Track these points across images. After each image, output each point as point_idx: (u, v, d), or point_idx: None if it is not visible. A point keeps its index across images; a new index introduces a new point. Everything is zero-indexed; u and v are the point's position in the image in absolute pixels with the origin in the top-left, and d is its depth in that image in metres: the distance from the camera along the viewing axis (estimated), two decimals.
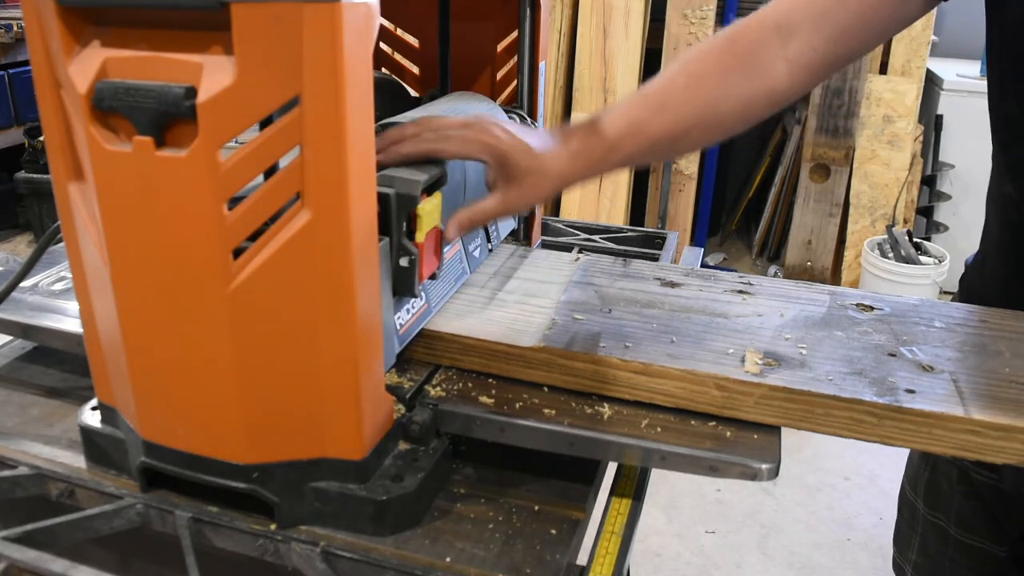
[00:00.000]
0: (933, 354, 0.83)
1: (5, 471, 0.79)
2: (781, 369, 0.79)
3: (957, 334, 0.88)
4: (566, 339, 0.83)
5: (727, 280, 1.00)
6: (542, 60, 1.09)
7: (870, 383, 0.77)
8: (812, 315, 0.91)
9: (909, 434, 0.73)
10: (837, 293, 0.98)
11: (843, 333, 0.87)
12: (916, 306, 0.95)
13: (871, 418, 0.74)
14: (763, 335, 0.86)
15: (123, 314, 0.67)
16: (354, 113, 0.60)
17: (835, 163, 3.38)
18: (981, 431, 0.71)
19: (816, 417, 0.75)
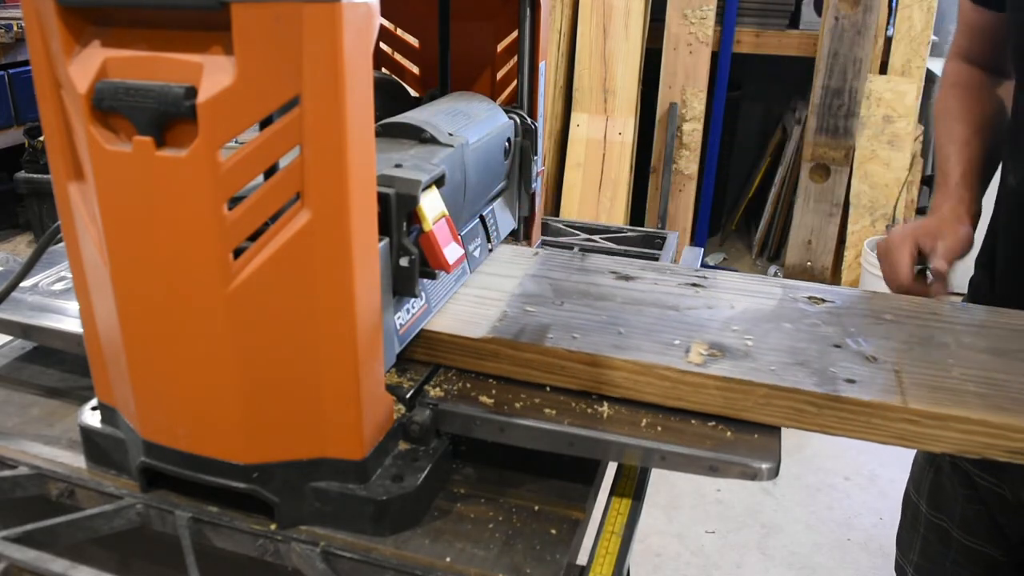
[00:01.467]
0: (878, 346, 0.84)
1: (5, 471, 0.79)
2: (725, 360, 0.80)
3: (905, 326, 0.89)
4: (515, 330, 0.84)
5: (682, 274, 1.02)
6: (542, 60, 1.09)
7: (811, 373, 0.78)
8: (762, 308, 0.92)
9: (848, 423, 0.74)
10: (790, 286, 0.99)
11: (791, 325, 0.88)
12: (867, 299, 0.96)
13: (811, 407, 0.75)
14: (711, 327, 0.87)
15: (123, 314, 0.67)
16: (354, 113, 0.60)
17: (835, 163, 3.38)
18: (918, 420, 0.72)
19: (757, 407, 0.76)
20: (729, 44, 3.43)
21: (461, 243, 0.82)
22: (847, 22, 3.23)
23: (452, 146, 0.87)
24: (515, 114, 1.07)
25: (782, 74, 3.83)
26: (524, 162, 1.09)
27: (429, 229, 0.76)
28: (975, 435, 0.72)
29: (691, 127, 3.47)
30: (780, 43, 3.46)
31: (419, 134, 0.88)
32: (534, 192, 1.14)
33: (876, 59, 3.31)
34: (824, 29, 3.25)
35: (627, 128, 3.43)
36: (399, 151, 0.83)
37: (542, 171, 1.16)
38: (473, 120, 0.97)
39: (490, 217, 1.04)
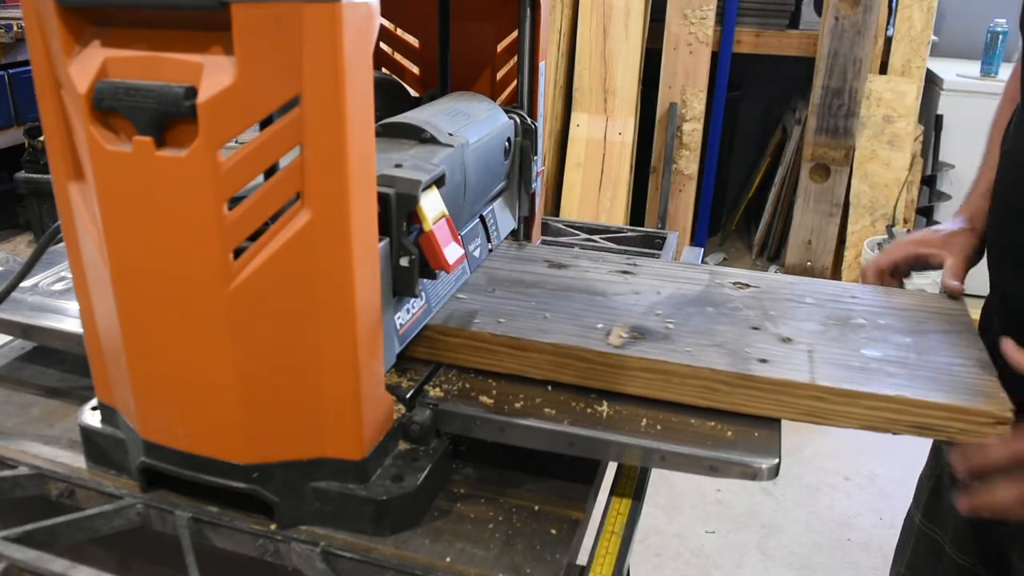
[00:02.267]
0: (796, 327, 0.87)
1: (5, 471, 0.79)
2: (643, 342, 0.82)
3: (825, 309, 0.92)
4: (444, 316, 0.86)
5: (614, 261, 1.04)
6: (542, 60, 1.09)
7: (726, 354, 0.80)
8: (688, 293, 0.95)
9: (760, 401, 0.77)
10: (718, 273, 1.01)
11: (714, 309, 0.91)
12: (791, 284, 0.99)
13: (724, 386, 0.77)
14: (635, 311, 0.89)
15: (123, 314, 0.67)
16: (354, 113, 0.60)
17: (835, 163, 3.38)
18: (825, 397, 0.75)
19: (673, 386, 0.79)
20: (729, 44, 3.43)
21: (461, 243, 0.82)
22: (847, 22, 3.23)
23: (452, 146, 0.87)
24: (515, 114, 1.07)
25: (782, 74, 3.83)
26: (524, 162, 1.09)
27: (429, 229, 0.76)
28: (881, 411, 0.75)
29: (691, 127, 3.47)
30: (780, 43, 3.46)
31: (419, 134, 0.88)
32: (534, 192, 1.14)
33: (876, 59, 3.30)
34: (824, 29, 3.25)
35: (627, 128, 3.43)
36: (399, 151, 0.83)
37: (542, 171, 1.16)
38: (473, 120, 0.97)
39: (490, 217, 1.04)
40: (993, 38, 3.38)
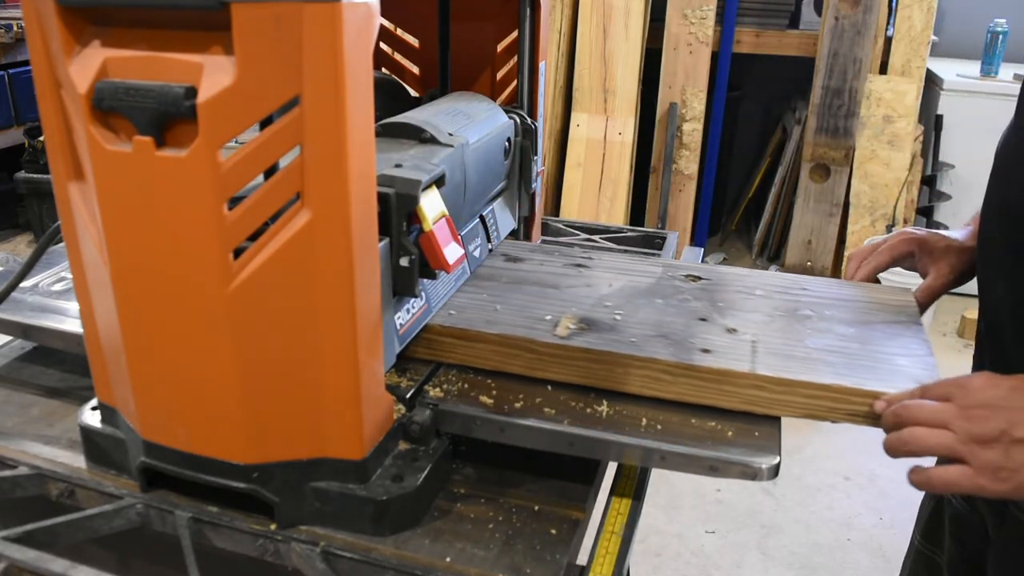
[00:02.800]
0: (743, 319, 0.88)
1: (5, 471, 0.79)
2: (590, 333, 0.83)
3: (774, 300, 0.93)
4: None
5: (569, 255, 1.05)
6: (542, 60, 1.09)
7: (670, 344, 0.81)
8: (639, 285, 0.96)
9: (702, 390, 0.78)
10: (671, 266, 1.02)
11: (663, 301, 0.92)
12: (742, 276, 1.00)
13: (667, 376, 0.79)
14: (585, 303, 0.90)
15: (123, 314, 0.67)
16: (354, 113, 0.60)
17: (835, 163, 3.38)
18: (765, 386, 0.77)
19: (617, 376, 0.80)
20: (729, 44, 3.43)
21: (461, 243, 0.82)
22: (847, 22, 3.23)
23: (452, 146, 0.87)
24: (515, 114, 1.07)
25: (782, 74, 3.83)
26: (524, 162, 1.09)
27: (429, 229, 0.76)
28: (819, 400, 0.76)
29: (691, 127, 3.47)
30: (780, 43, 3.46)
31: (419, 134, 0.88)
32: (534, 192, 1.14)
33: (876, 59, 3.30)
34: (824, 29, 3.25)
35: (627, 128, 3.42)
36: (399, 151, 0.83)
37: (542, 171, 1.16)
38: (473, 120, 0.97)
39: (490, 217, 1.04)
40: (993, 38, 3.38)
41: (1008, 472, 0.65)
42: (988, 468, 0.66)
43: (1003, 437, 0.65)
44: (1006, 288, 0.78)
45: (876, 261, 1.00)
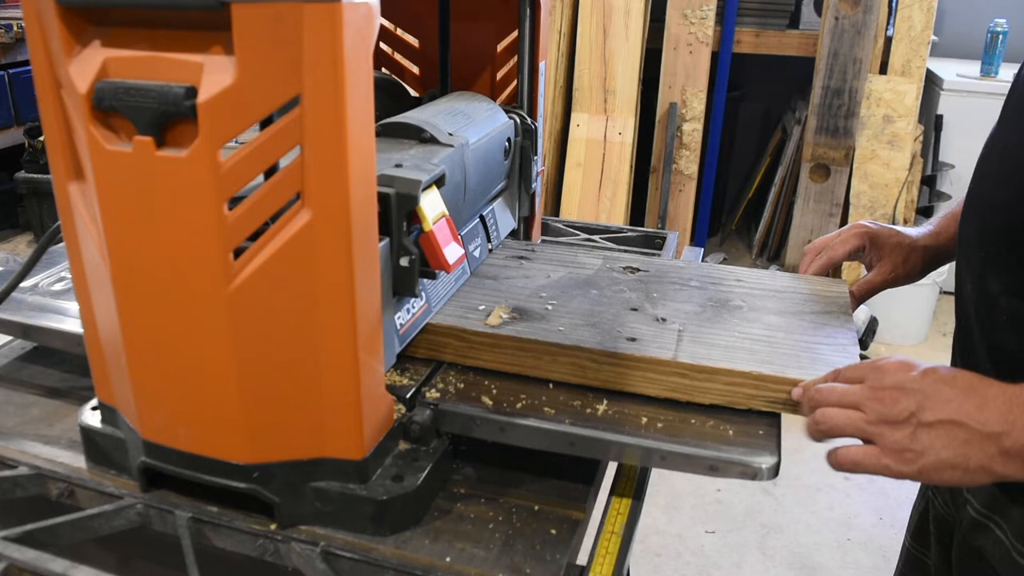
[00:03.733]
0: (674, 308, 0.90)
1: (5, 471, 0.79)
2: (520, 322, 0.85)
3: (708, 291, 0.95)
4: None
5: (512, 248, 1.07)
6: (542, 60, 1.09)
7: (598, 333, 0.83)
8: (577, 276, 0.98)
9: (626, 377, 0.80)
10: (611, 258, 1.04)
11: (598, 292, 0.94)
12: (680, 268, 1.02)
13: (592, 363, 0.80)
14: (521, 294, 0.92)
15: (123, 314, 0.67)
16: (354, 113, 0.60)
17: (835, 163, 3.38)
18: (687, 373, 0.78)
19: (545, 364, 0.82)
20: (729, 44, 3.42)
21: (461, 243, 0.82)
22: (847, 22, 3.22)
23: (452, 146, 0.87)
24: (515, 114, 1.07)
25: (782, 74, 3.83)
26: (524, 162, 1.09)
27: (429, 229, 0.76)
28: (740, 387, 0.78)
29: (691, 127, 3.47)
30: (780, 43, 3.46)
31: (419, 134, 0.88)
32: (534, 192, 1.14)
33: (876, 59, 3.30)
34: (824, 29, 3.25)
35: (627, 128, 3.42)
36: (399, 151, 0.83)
37: (542, 171, 1.16)
38: (473, 120, 0.97)
39: (490, 217, 1.04)
40: (993, 38, 3.38)
41: (913, 454, 0.65)
42: (895, 449, 0.66)
43: (911, 419, 0.66)
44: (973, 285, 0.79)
45: (829, 255, 1.01)
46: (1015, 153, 0.74)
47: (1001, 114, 0.80)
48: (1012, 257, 0.73)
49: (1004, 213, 0.74)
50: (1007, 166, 0.75)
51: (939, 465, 0.64)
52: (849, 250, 1.01)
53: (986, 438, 0.63)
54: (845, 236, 1.01)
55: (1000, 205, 0.75)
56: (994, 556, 0.79)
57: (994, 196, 0.76)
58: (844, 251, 1.01)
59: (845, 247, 1.00)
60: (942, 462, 0.64)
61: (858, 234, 1.00)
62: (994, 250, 0.75)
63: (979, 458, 0.63)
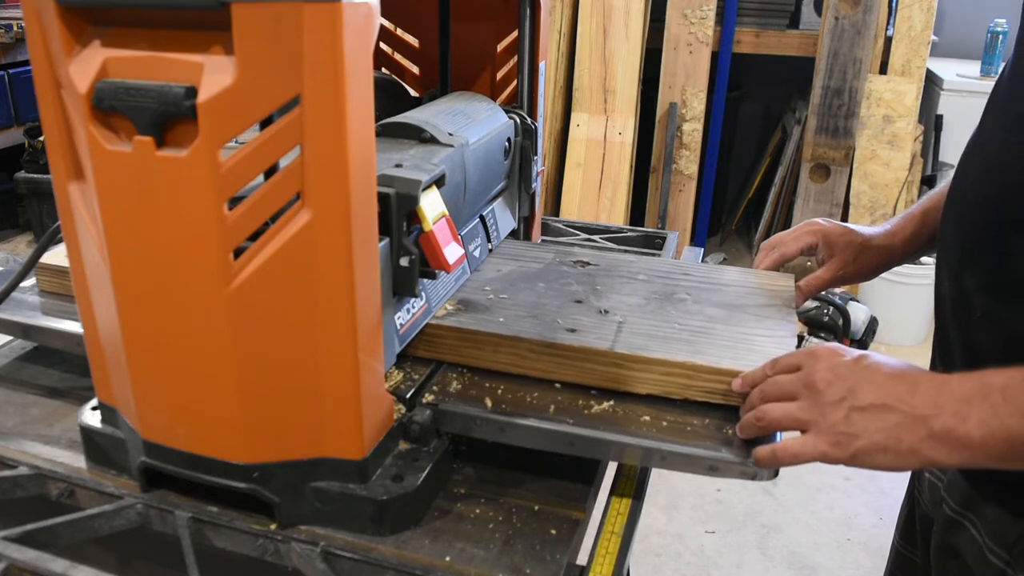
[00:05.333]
0: (617, 301, 0.91)
1: (5, 471, 0.79)
2: (464, 313, 0.87)
3: (654, 285, 0.97)
4: None
5: None
6: (542, 60, 1.09)
7: (539, 324, 0.85)
8: (527, 270, 0.99)
9: (564, 367, 0.82)
10: (563, 252, 1.06)
11: (545, 285, 0.95)
12: (629, 262, 1.04)
13: (531, 353, 0.82)
14: (469, 287, 0.94)
15: (123, 314, 0.67)
16: (354, 113, 0.60)
17: (835, 163, 3.38)
18: (623, 363, 0.80)
19: (487, 353, 0.84)
20: (729, 44, 3.42)
21: (461, 243, 0.82)
22: (847, 22, 3.22)
23: (452, 146, 0.87)
24: (515, 114, 1.07)
25: (782, 74, 3.83)
26: (524, 162, 1.09)
27: (429, 229, 0.76)
28: (675, 377, 0.79)
29: (691, 127, 3.47)
30: (780, 43, 3.46)
31: (419, 134, 0.88)
32: (534, 192, 1.14)
33: (876, 59, 3.30)
34: (824, 29, 3.25)
35: (627, 128, 3.42)
36: (399, 151, 0.83)
37: (542, 171, 1.16)
38: (473, 120, 0.97)
39: (490, 217, 1.04)
40: (993, 38, 3.38)
41: (848, 438, 0.67)
42: (829, 434, 0.67)
43: (844, 403, 0.67)
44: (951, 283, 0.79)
45: (781, 251, 1.03)
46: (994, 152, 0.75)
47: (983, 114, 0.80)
48: (988, 255, 0.73)
49: (982, 211, 0.75)
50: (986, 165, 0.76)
51: (872, 448, 0.66)
52: (801, 247, 1.02)
53: (916, 420, 0.64)
54: (798, 234, 1.03)
55: (978, 203, 0.75)
56: (968, 554, 0.79)
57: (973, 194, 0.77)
58: (796, 248, 1.03)
59: (797, 244, 1.02)
60: (874, 445, 0.66)
61: (811, 232, 1.02)
62: (971, 248, 0.76)
63: (909, 440, 0.65)
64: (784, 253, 1.03)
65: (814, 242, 1.02)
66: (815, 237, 1.02)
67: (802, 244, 1.02)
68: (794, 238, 1.03)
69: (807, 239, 1.02)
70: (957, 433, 0.62)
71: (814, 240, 1.02)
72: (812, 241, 1.02)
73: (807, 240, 1.02)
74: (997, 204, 0.72)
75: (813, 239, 1.02)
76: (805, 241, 1.02)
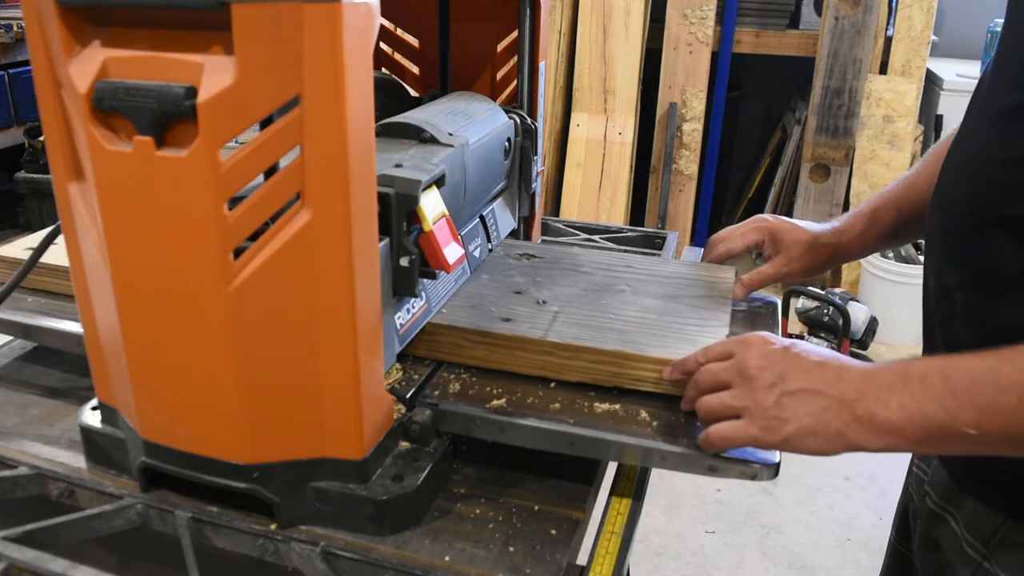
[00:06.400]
0: (557, 292, 0.93)
1: (5, 471, 0.79)
2: None
3: (595, 277, 0.98)
4: None
5: None
6: (542, 60, 1.09)
7: (475, 314, 0.86)
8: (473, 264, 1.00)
9: (497, 355, 0.84)
10: (509, 245, 1.07)
11: (488, 277, 0.97)
12: (574, 255, 1.05)
13: (466, 342, 0.84)
14: None
15: (123, 314, 0.67)
16: (354, 113, 0.60)
17: (835, 163, 3.38)
18: (553, 352, 0.81)
19: (425, 345, 0.85)
20: (729, 44, 3.42)
21: (461, 243, 0.82)
22: (847, 22, 3.23)
23: (452, 146, 0.87)
24: (515, 114, 1.07)
25: (782, 74, 3.83)
26: (524, 162, 1.09)
27: (429, 229, 0.76)
28: (603, 365, 0.81)
29: (691, 127, 3.47)
30: (780, 43, 3.46)
31: (419, 134, 0.88)
32: (534, 192, 1.14)
33: (876, 59, 3.30)
34: (824, 29, 3.25)
35: (627, 128, 3.42)
36: (399, 151, 0.83)
37: (542, 171, 1.16)
38: (473, 120, 0.97)
39: (490, 217, 1.04)
40: (993, 38, 3.38)
41: (779, 422, 0.68)
42: (760, 418, 0.69)
43: (774, 389, 0.69)
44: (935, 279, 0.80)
45: (728, 246, 1.05)
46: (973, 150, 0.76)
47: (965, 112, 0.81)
48: (968, 251, 0.74)
49: (962, 208, 0.76)
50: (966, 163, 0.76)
51: (802, 432, 0.68)
52: (748, 243, 1.04)
53: (842, 404, 0.67)
54: (745, 230, 1.04)
55: (958, 200, 0.76)
56: (948, 547, 0.81)
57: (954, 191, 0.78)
58: (743, 244, 1.04)
59: (744, 240, 1.04)
60: (804, 429, 0.68)
61: (758, 228, 1.03)
62: (952, 244, 0.77)
63: (837, 424, 0.67)
64: (730, 248, 1.05)
65: (760, 239, 1.03)
66: (761, 234, 1.03)
67: (748, 240, 1.03)
68: (741, 234, 1.04)
69: (754, 236, 1.03)
70: (879, 418, 0.65)
71: (760, 237, 1.03)
72: (759, 238, 1.03)
73: (754, 236, 1.03)
74: (976, 201, 0.73)
75: (759, 236, 1.03)
76: (752, 237, 1.03)
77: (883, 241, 1.02)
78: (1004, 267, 0.70)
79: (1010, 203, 0.69)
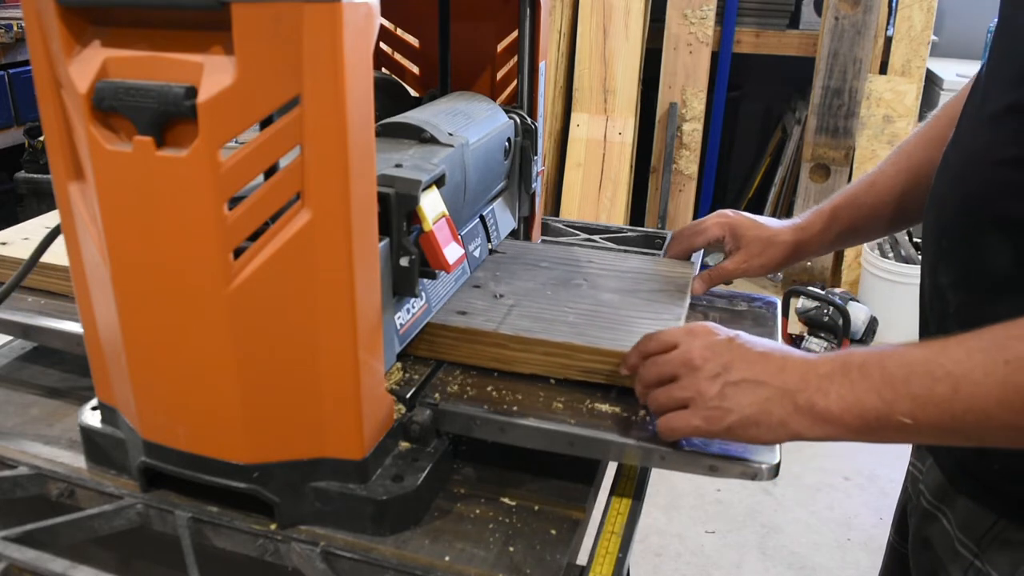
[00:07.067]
0: (515, 286, 0.94)
1: (5, 471, 0.79)
2: None
3: (553, 271, 0.99)
4: None
5: None
6: (542, 60, 1.09)
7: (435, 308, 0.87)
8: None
9: (453, 348, 0.85)
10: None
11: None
12: (536, 251, 1.07)
13: (425, 335, 0.85)
14: None
15: (123, 314, 0.67)
16: (354, 113, 0.60)
17: (835, 163, 3.38)
18: (506, 344, 0.83)
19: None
20: (729, 44, 3.43)
21: (461, 243, 0.82)
22: (847, 22, 3.23)
23: (452, 146, 0.87)
24: (515, 114, 1.07)
25: (782, 74, 3.83)
26: (524, 162, 1.09)
27: (429, 229, 0.76)
28: (555, 357, 0.82)
29: (691, 127, 3.47)
30: (780, 43, 3.46)
31: (419, 134, 0.88)
32: (534, 192, 1.14)
33: (876, 59, 3.30)
34: (824, 29, 3.25)
35: (627, 128, 3.42)
36: (399, 151, 0.83)
37: (542, 171, 1.16)
38: (473, 120, 0.97)
39: (490, 217, 1.04)
40: None
41: (722, 412, 0.68)
42: (704, 408, 0.69)
43: (719, 379, 0.69)
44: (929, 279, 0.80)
45: (689, 242, 1.06)
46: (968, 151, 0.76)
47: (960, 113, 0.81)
48: (961, 251, 0.75)
49: (956, 208, 0.76)
50: (961, 163, 0.77)
51: (745, 422, 0.68)
52: (709, 239, 1.05)
53: (784, 394, 0.67)
54: (707, 225, 1.05)
55: (952, 201, 0.77)
56: (940, 546, 0.81)
57: (949, 191, 0.78)
58: (704, 239, 1.05)
59: (705, 236, 1.04)
60: (747, 419, 0.68)
61: (719, 224, 1.04)
62: (946, 243, 0.77)
63: (779, 414, 0.67)
64: (692, 243, 1.06)
65: (721, 235, 1.04)
66: (723, 230, 1.04)
67: (710, 236, 1.04)
68: (702, 229, 1.05)
69: (715, 231, 1.04)
70: (819, 407, 0.65)
71: (721, 232, 1.04)
72: (719, 234, 1.04)
73: (715, 232, 1.04)
74: (970, 202, 0.74)
75: (720, 231, 1.04)
76: (713, 233, 1.04)
77: (843, 239, 1.03)
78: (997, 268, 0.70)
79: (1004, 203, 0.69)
